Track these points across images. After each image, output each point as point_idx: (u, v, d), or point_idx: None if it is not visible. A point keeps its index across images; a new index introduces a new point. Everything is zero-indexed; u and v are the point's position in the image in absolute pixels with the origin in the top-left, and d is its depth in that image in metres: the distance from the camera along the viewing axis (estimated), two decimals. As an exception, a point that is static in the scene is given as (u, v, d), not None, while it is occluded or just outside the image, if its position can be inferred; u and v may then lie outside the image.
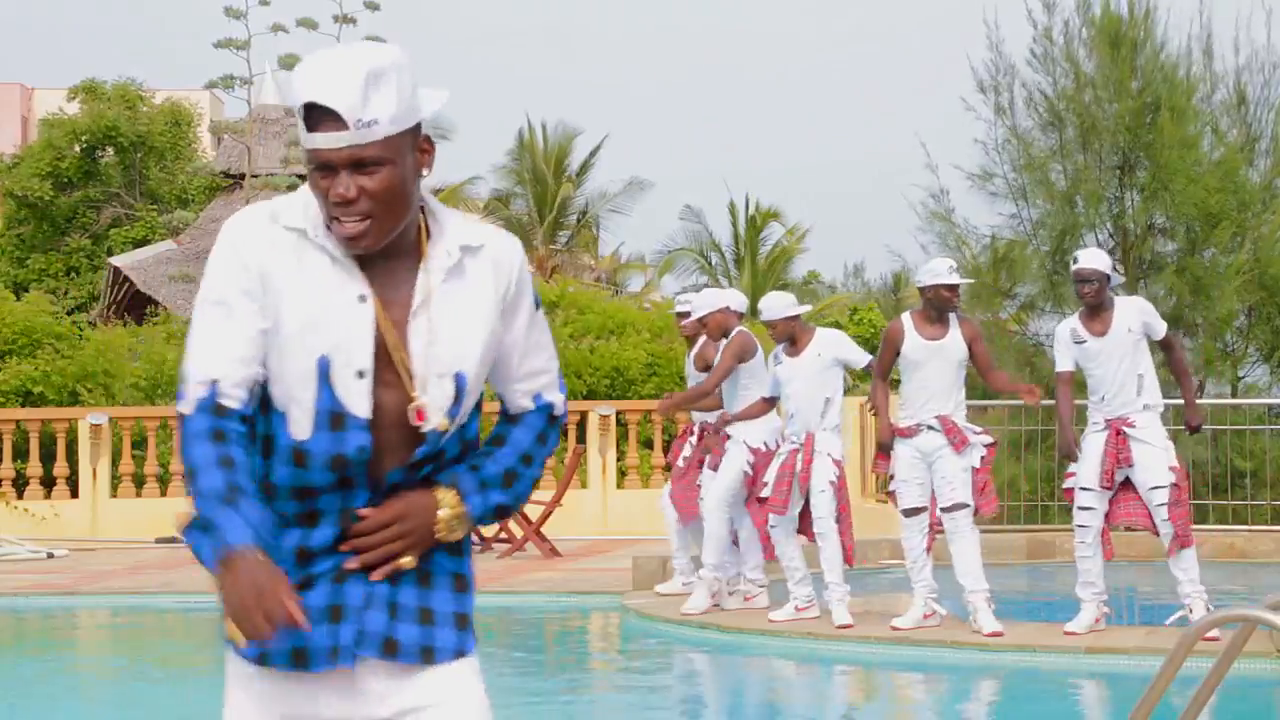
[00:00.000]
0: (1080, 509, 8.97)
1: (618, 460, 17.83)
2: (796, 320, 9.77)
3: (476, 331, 2.66)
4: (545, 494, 14.74)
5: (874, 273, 52.82)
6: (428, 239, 2.66)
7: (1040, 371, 16.50)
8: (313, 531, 2.62)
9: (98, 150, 32.85)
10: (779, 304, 9.77)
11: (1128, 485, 8.92)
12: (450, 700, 2.67)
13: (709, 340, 10.54)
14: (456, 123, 40.91)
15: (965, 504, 9.12)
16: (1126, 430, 8.81)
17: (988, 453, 9.26)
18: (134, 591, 12.93)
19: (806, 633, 9.63)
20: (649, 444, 18.81)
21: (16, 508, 17.48)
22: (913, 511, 9.29)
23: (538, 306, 2.79)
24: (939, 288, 9.19)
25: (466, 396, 2.65)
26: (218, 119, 33.83)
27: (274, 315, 2.58)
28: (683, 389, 12.32)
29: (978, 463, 9.18)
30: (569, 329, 21.03)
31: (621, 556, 13.60)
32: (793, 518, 9.71)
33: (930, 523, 9.30)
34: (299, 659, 2.62)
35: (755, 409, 10.04)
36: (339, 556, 2.62)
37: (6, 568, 14.79)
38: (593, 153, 41.01)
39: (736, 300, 10.43)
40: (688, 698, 9.02)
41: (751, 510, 10.04)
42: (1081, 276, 8.88)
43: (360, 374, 2.57)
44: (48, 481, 17.90)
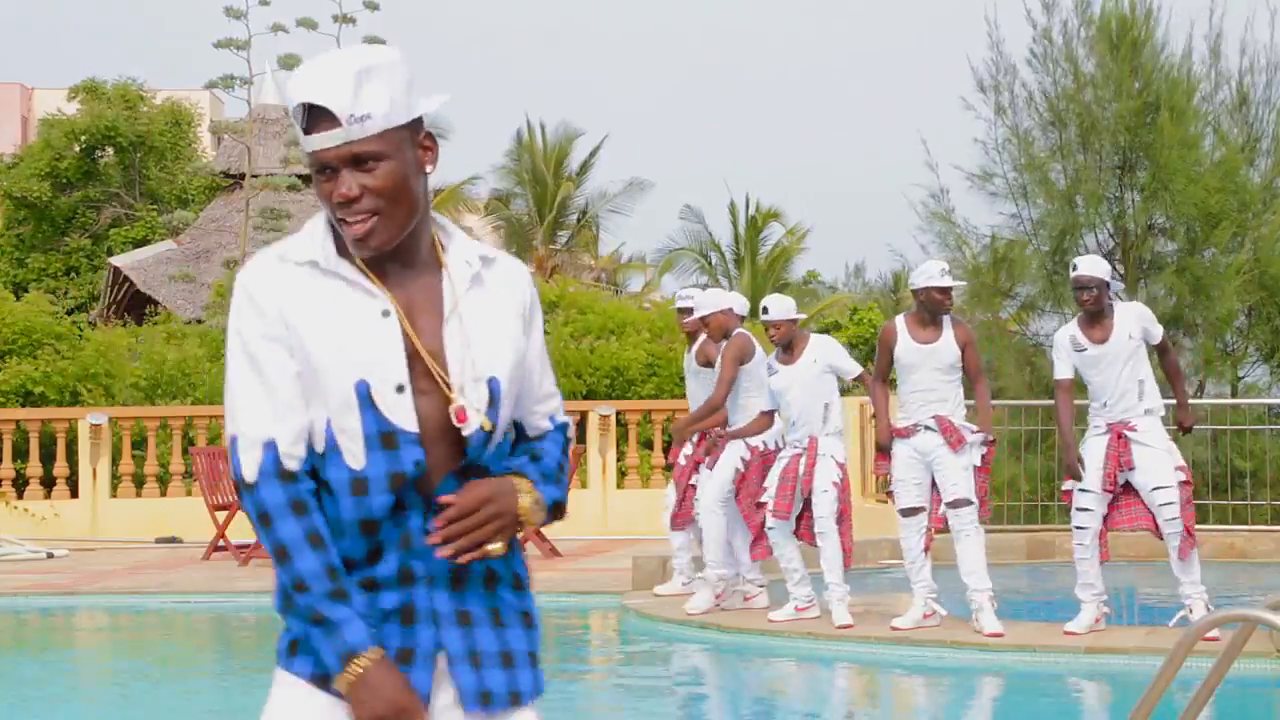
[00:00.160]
0: (1078, 510, 8.97)
1: (618, 460, 17.83)
2: (796, 324, 9.81)
3: (503, 339, 2.65)
4: (545, 494, 14.71)
5: (874, 273, 52.78)
6: (443, 251, 2.67)
7: (1040, 372, 16.51)
8: (378, 566, 2.58)
9: (97, 150, 32.87)
10: (786, 305, 9.79)
11: (1128, 489, 8.91)
12: None
13: (709, 339, 10.55)
14: (455, 123, 40.97)
15: (969, 500, 9.12)
16: (1128, 434, 8.80)
17: (988, 451, 9.26)
18: (133, 591, 12.93)
19: (806, 633, 9.63)
20: (649, 444, 18.80)
21: (16, 508, 17.47)
22: (910, 511, 9.29)
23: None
24: (931, 290, 9.19)
25: (501, 403, 2.62)
26: (218, 119, 33.81)
27: (303, 354, 2.56)
28: (682, 388, 12.31)
29: (979, 461, 9.19)
30: (569, 329, 21.00)
31: (621, 556, 13.60)
32: (790, 521, 9.72)
33: (929, 523, 9.31)
34: None
35: (756, 425, 10.04)
36: (404, 593, 2.58)
37: (6, 568, 14.79)
38: (593, 153, 41.06)
39: (739, 304, 10.46)
40: (688, 698, 9.02)
41: (744, 510, 10.04)
42: (1080, 284, 8.86)
43: (400, 388, 2.55)
44: (48, 481, 17.90)
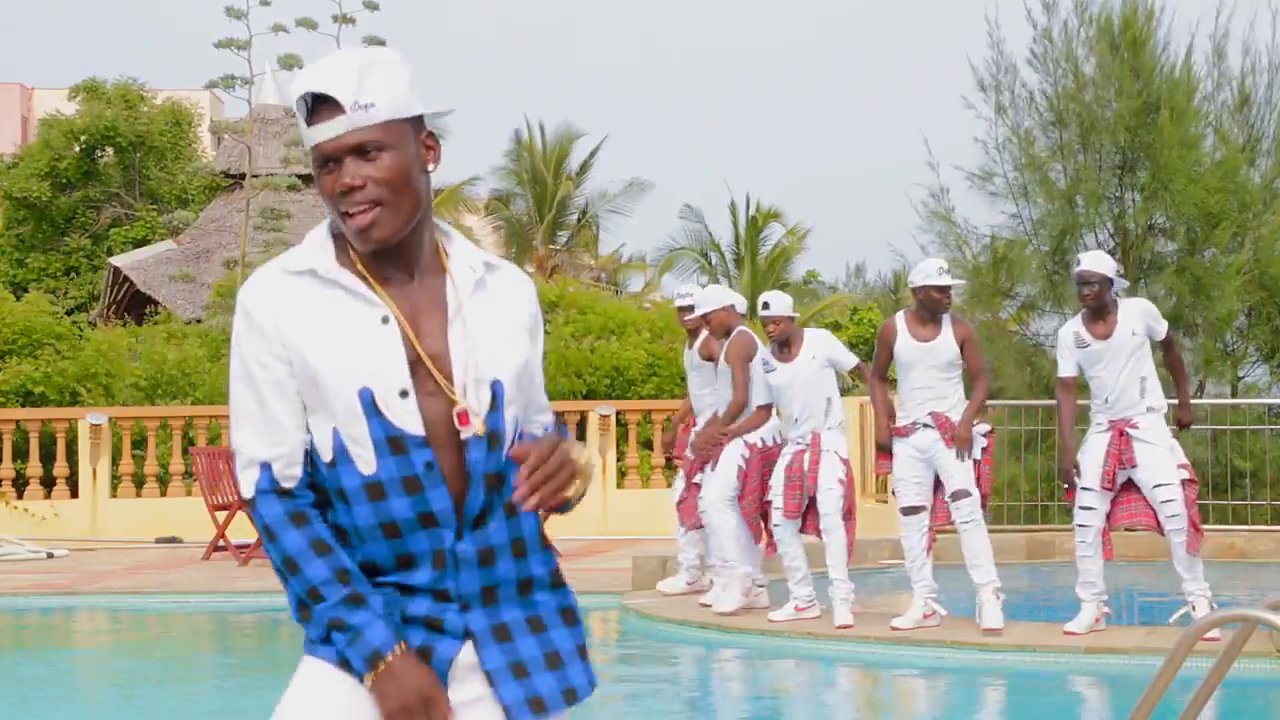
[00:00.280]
0: (1081, 509, 8.96)
1: (618, 460, 17.83)
2: (794, 321, 9.85)
3: (507, 343, 2.66)
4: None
5: (874, 273, 52.80)
6: (446, 256, 2.68)
7: (1040, 371, 16.51)
8: (413, 573, 2.60)
9: (97, 150, 32.87)
10: (786, 301, 9.83)
11: (1130, 486, 8.91)
12: None
13: (711, 336, 10.55)
14: (455, 124, 41.02)
15: (968, 491, 9.12)
16: (1130, 431, 8.80)
17: (988, 443, 9.27)
18: (133, 591, 12.93)
19: (806, 633, 9.63)
20: (649, 444, 18.80)
21: (16, 508, 17.48)
22: (911, 510, 9.29)
23: None
24: (929, 289, 9.20)
25: (505, 406, 2.63)
26: (218, 119, 33.82)
27: (304, 367, 2.57)
28: (683, 388, 12.31)
29: (979, 455, 9.20)
30: (569, 329, 21.00)
31: (621, 556, 13.59)
32: (798, 520, 9.72)
33: (930, 523, 9.31)
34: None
35: (756, 420, 10.06)
36: (436, 607, 2.60)
37: (6, 568, 14.79)
38: (592, 153, 41.07)
39: (740, 302, 10.49)
40: (687, 698, 9.01)
41: (745, 511, 10.03)
42: (1083, 279, 8.86)
43: (403, 393, 2.56)
44: (48, 481, 17.90)
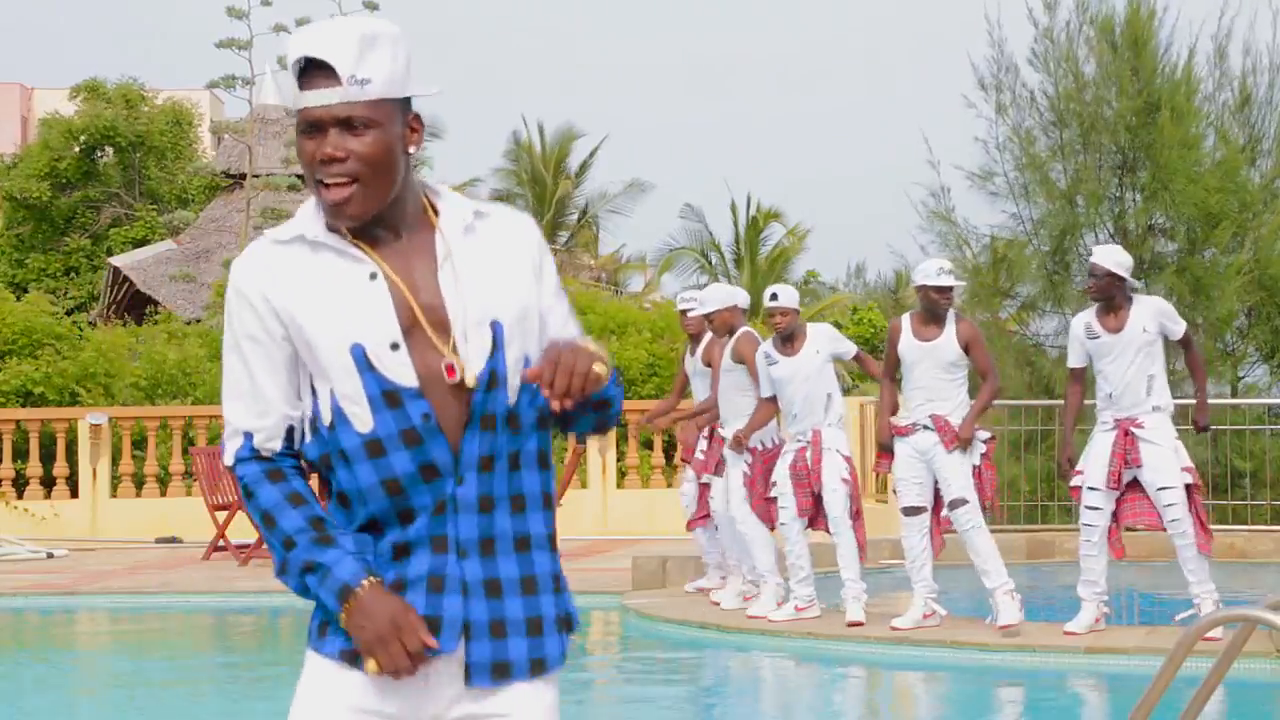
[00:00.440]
0: (1087, 508, 8.94)
1: (618, 460, 17.82)
2: (799, 315, 9.82)
3: (505, 283, 2.64)
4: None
5: (874, 273, 52.75)
6: (436, 215, 2.66)
7: (1040, 371, 16.51)
8: (409, 527, 2.59)
9: (97, 150, 32.85)
10: (793, 294, 9.83)
11: (1135, 485, 8.89)
12: (520, 713, 2.62)
13: (714, 338, 10.48)
14: (455, 125, 40.98)
15: (965, 499, 9.11)
16: (1135, 431, 8.78)
17: (987, 448, 9.26)
18: (133, 591, 12.93)
19: (806, 633, 9.63)
20: (649, 444, 18.80)
21: (16, 508, 17.47)
22: (912, 510, 9.28)
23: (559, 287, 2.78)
24: (928, 289, 9.21)
25: (506, 347, 2.61)
26: (218, 119, 33.84)
27: (297, 331, 2.58)
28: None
29: (978, 460, 9.19)
30: (569, 329, 20.98)
31: (621, 556, 13.59)
32: (806, 518, 9.72)
33: (931, 523, 9.30)
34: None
35: (762, 416, 9.97)
36: (435, 559, 2.58)
37: (6, 568, 14.79)
38: (592, 153, 41.06)
39: (743, 299, 10.41)
40: (688, 698, 9.02)
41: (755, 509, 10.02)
42: (1090, 271, 8.93)
43: (394, 346, 2.56)
44: (48, 481, 17.89)
